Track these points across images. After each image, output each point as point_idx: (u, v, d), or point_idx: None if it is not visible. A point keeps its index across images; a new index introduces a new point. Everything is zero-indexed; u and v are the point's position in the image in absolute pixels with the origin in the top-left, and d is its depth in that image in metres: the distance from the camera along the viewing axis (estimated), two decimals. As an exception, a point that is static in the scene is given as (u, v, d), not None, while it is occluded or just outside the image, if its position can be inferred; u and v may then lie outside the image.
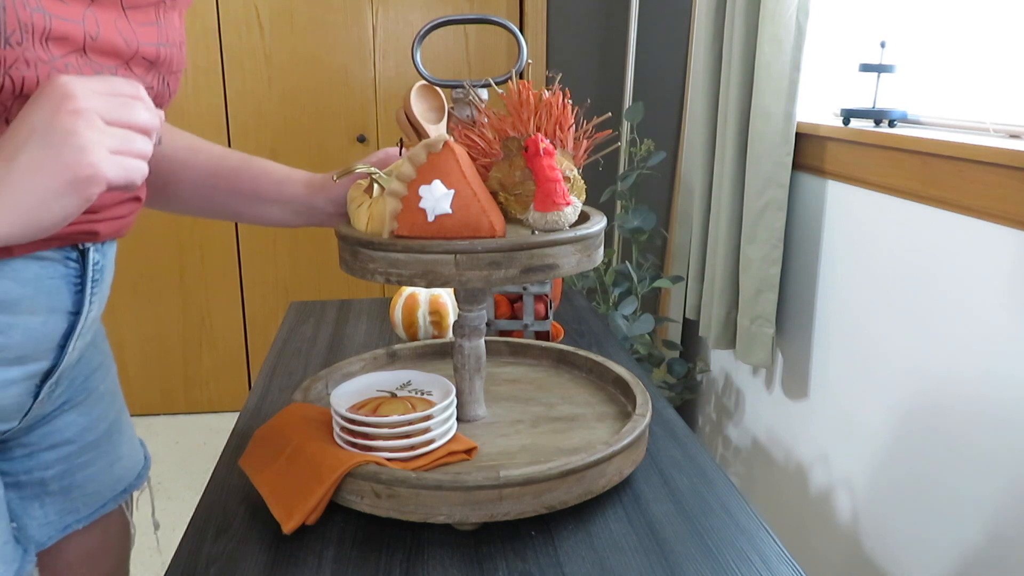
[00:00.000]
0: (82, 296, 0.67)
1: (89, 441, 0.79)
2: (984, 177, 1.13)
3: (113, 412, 0.83)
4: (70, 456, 0.77)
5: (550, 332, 1.18)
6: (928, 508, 1.29)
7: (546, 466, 0.69)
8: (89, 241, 0.66)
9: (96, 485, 0.81)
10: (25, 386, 0.66)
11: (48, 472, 0.76)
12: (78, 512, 0.79)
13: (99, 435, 0.80)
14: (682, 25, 2.42)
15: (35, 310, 0.63)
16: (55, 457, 0.76)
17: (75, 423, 0.78)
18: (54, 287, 0.64)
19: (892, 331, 1.36)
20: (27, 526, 0.76)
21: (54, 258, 0.63)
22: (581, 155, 0.76)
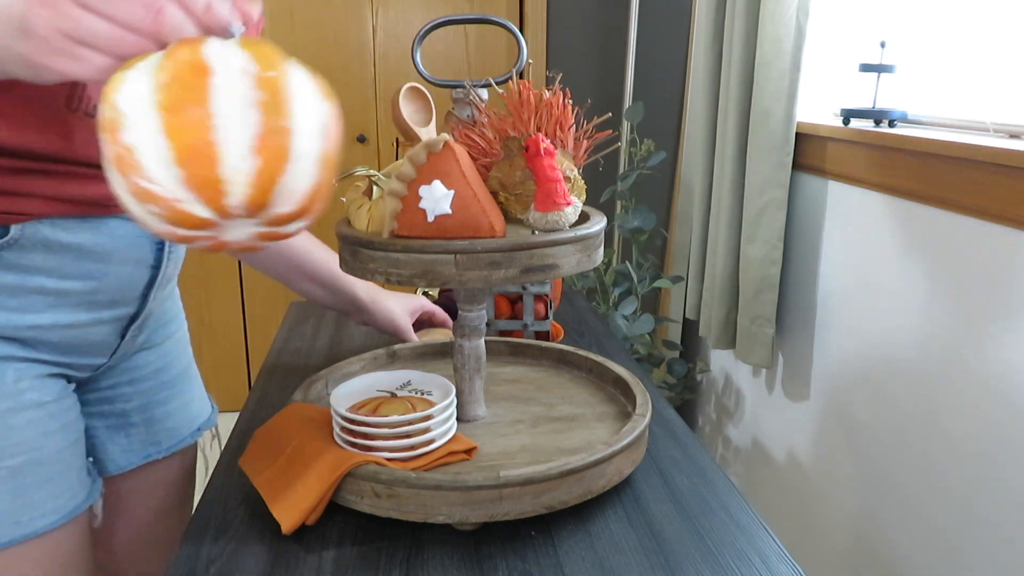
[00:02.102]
0: (162, 253, 0.78)
1: (164, 380, 0.91)
2: (984, 177, 1.13)
3: (186, 359, 0.96)
4: (148, 391, 0.89)
5: (550, 332, 1.18)
6: (928, 508, 1.29)
7: (546, 466, 0.69)
8: None
9: (174, 421, 0.93)
10: (114, 327, 0.78)
11: (129, 404, 0.88)
12: (159, 444, 0.91)
13: (173, 376, 0.92)
14: (682, 25, 2.42)
15: (125, 261, 0.74)
16: (134, 391, 0.88)
17: (152, 362, 0.89)
18: (141, 243, 0.75)
19: (892, 331, 1.36)
20: (111, 451, 0.87)
21: None
22: (581, 155, 0.76)
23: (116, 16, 0.44)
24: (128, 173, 0.44)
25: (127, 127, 0.43)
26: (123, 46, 0.44)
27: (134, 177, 0.44)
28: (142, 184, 0.44)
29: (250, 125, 0.42)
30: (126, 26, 0.44)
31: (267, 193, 0.44)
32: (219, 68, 0.43)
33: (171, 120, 0.42)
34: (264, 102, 0.42)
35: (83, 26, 0.44)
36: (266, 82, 0.43)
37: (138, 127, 0.43)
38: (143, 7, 0.44)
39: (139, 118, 0.43)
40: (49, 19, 0.44)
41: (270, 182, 0.44)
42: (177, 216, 0.44)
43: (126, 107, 0.43)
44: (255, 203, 0.44)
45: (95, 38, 0.44)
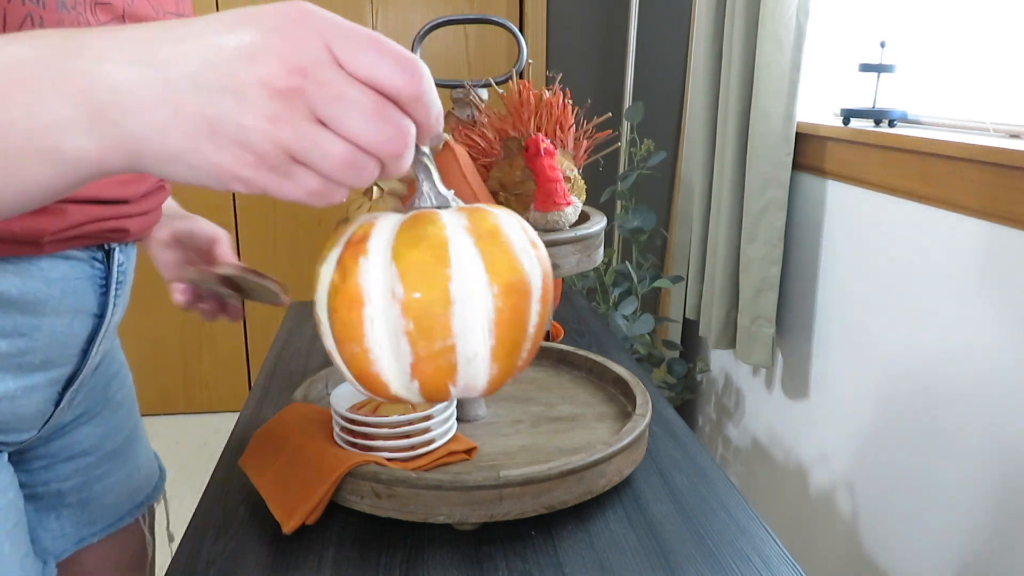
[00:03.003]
0: (106, 298, 0.65)
1: (107, 452, 0.77)
2: (984, 177, 1.13)
3: (131, 422, 0.81)
4: (88, 467, 0.75)
5: (550, 332, 1.18)
6: (928, 507, 1.29)
7: (546, 466, 0.69)
8: (118, 240, 0.64)
9: (114, 497, 0.79)
10: (48, 392, 0.64)
11: (66, 484, 0.74)
12: (95, 524, 0.77)
13: (117, 445, 0.79)
14: (682, 25, 2.42)
15: (61, 311, 0.61)
16: (73, 468, 0.74)
17: (93, 434, 0.75)
18: (80, 288, 0.62)
19: (892, 331, 1.36)
20: (41, 538, 0.73)
21: (81, 258, 0.61)
22: (581, 155, 0.76)
23: (362, 139, 0.35)
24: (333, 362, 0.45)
25: (323, 334, 0.44)
26: (348, 172, 0.36)
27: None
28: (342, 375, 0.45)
29: (403, 356, 0.41)
30: (368, 149, 0.36)
31: (443, 398, 0.43)
32: (372, 296, 0.40)
33: (342, 350, 0.42)
34: (410, 331, 0.40)
35: (317, 147, 0.35)
36: (411, 307, 0.40)
37: (327, 341, 0.43)
38: (394, 127, 0.36)
39: (327, 337, 0.43)
40: (279, 136, 0.35)
41: (441, 393, 0.43)
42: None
43: (319, 314, 0.43)
44: (435, 401, 0.44)
45: (323, 160, 0.35)
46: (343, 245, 0.42)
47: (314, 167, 0.36)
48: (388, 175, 0.38)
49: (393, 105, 0.36)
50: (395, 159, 0.37)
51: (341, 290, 0.41)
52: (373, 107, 0.35)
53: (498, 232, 0.41)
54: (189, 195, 2.55)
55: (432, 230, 0.41)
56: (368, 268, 0.40)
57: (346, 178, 0.36)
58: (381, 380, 0.42)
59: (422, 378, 0.41)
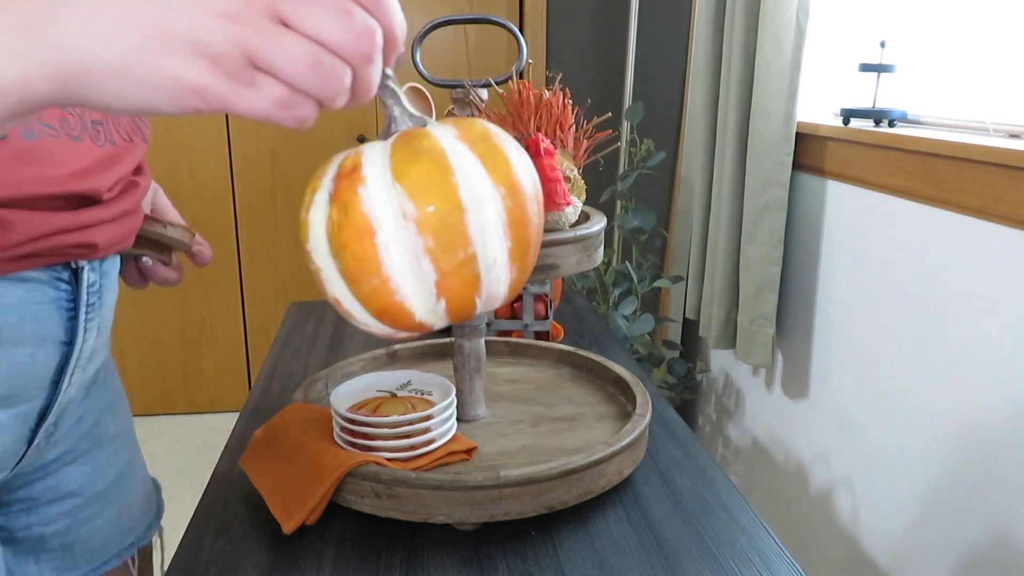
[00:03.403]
0: (75, 324, 0.57)
1: (97, 491, 0.70)
2: (984, 177, 1.13)
3: (125, 456, 0.74)
4: (74, 510, 0.68)
5: (550, 332, 1.18)
6: (928, 507, 1.29)
7: (546, 466, 0.69)
8: (84, 257, 0.57)
9: (101, 538, 0.71)
10: (17, 430, 0.57)
11: (49, 528, 0.66)
12: (77, 569, 0.70)
13: (108, 484, 0.71)
14: (682, 25, 2.42)
15: (20, 341, 0.54)
16: (57, 512, 0.67)
17: (80, 473, 0.68)
18: (42, 313, 0.55)
19: (892, 331, 1.36)
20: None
21: (41, 279, 0.54)
22: (581, 155, 0.76)
23: (327, 37, 0.33)
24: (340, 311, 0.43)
25: (327, 282, 0.41)
26: (315, 77, 0.33)
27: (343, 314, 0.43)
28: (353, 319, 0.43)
29: (427, 276, 0.39)
30: (335, 49, 0.33)
31: (469, 314, 0.42)
32: (382, 221, 0.38)
33: (358, 288, 0.40)
34: (431, 248, 0.38)
35: (278, 46, 0.32)
36: (426, 223, 0.38)
37: (334, 287, 0.41)
38: (360, 24, 0.33)
39: (332, 283, 0.41)
40: (238, 37, 0.31)
41: (467, 307, 0.42)
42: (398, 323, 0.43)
43: (319, 262, 0.41)
44: (461, 319, 0.43)
45: (286, 61, 0.32)
46: (332, 181, 0.40)
47: (277, 72, 0.33)
48: (359, 90, 0.35)
49: (356, 3, 0.34)
50: (364, 61, 0.34)
51: (346, 224, 0.39)
52: (337, 2, 0.33)
53: (489, 135, 0.41)
54: (186, 194, 2.55)
55: (427, 143, 0.39)
56: (371, 194, 0.39)
57: (313, 84, 0.33)
58: (405, 308, 0.40)
59: (449, 295, 0.40)
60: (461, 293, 0.40)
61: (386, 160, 0.39)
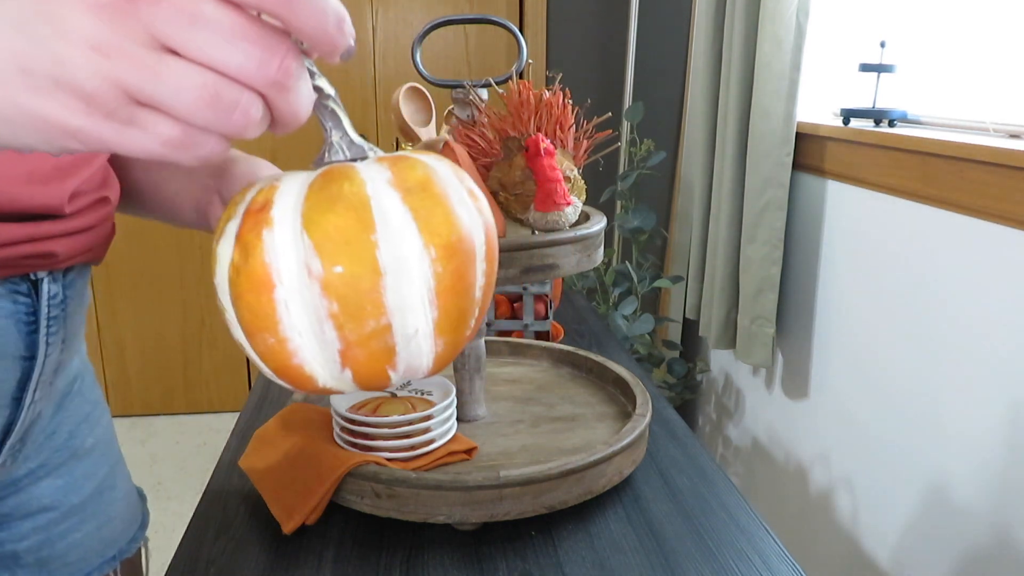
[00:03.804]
0: (36, 338, 0.54)
1: (73, 504, 0.66)
2: (984, 177, 1.13)
3: (104, 467, 0.70)
4: (49, 524, 0.64)
5: (550, 332, 1.18)
6: (928, 507, 1.29)
7: (546, 466, 0.69)
8: (43, 268, 0.53)
9: (81, 552, 0.67)
10: None
11: (22, 544, 0.63)
12: None
13: (85, 496, 0.67)
14: (682, 25, 2.42)
15: None
16: (31, 527, 0.63)
17: (54, 487, 0.64)
18: (2, 328, 0.52)
19: (892, 331, 1.36)
20: None
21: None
22: (581, 155, 0.76)
23: (224, 65, 0.27)
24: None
25: (230, 324, 0.36)
26: (213, 111, 0.28)
27: None
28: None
29: (330, 343, 0.34)
30: (236, 78, 0.28)
31: (382, 385, 0.37)
32: (283, 275, 0.33)
33: (254, 342, 0.35)
34: (335, 314, 0.33)
35: (163, 80, 0.27)
36: (332, 285, 0.33)
37: (237, 332, 0.36)
38: (263, 45, 0.28)
39: (234, 327, 0.36)
40: (112, 72, 0.26)
41: (379, 380, 0.36)
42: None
43: (223, 302, 0.36)
44: (373, 389, 0.37)
45: (175, 96, 0.27)
46: (241, 216, 0.34)
47: (167, 109, 0.27)
48: (281, 118, 0.30)
49: (258, 19, 0.28)
50: (275, 88, 0.28)
51: (244, 271, 0.33)
52: (233, 21, 0.27)
53: (430, 183, 0.34)
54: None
55: (349, 188, 0.33)
56: (276, 241, 0.33)
57: (212, 120, 0.28)
58: (305, 373, 0.35)
59: (355, 366, 0.35)
60: (369, 365, 0.35)
61: (300, 202, 0.33)
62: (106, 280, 2.61)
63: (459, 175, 0.37)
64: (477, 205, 0.36)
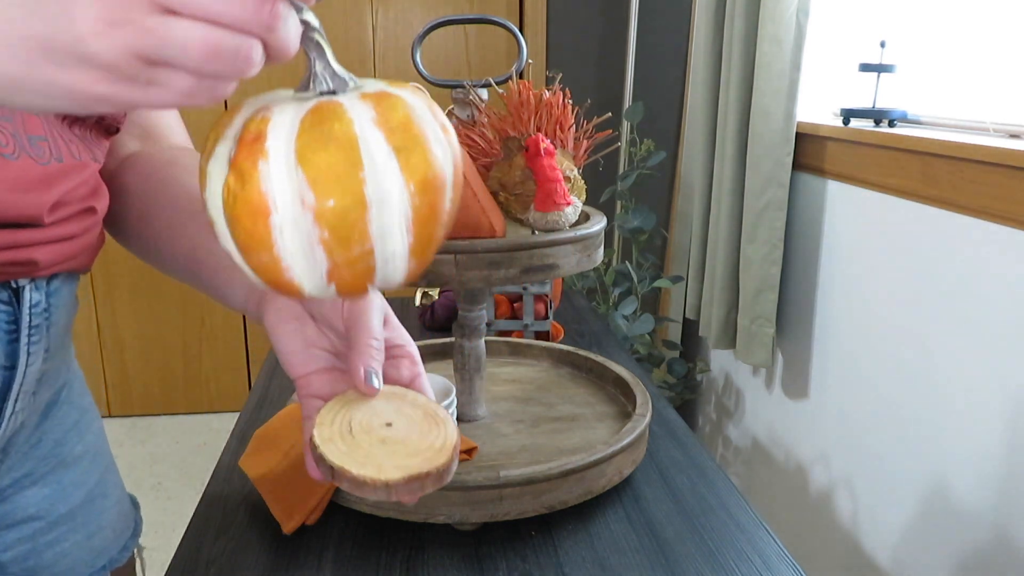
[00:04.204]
0: (17, 346, 0.53)
1: (61, 514, 0.64)
2: (984, 177, 1.13)
3: (94, 474, 0.68)
4: (35, 534, 0.63)
5: (550, 332, 1.18)
6: (928, 507, 1.29)
7: (546, 466, 0.69)
8: (24, 276, 0.53)
9: (69, 562, 0.66)
10: None
11: (7, 554, 0.61)
12: None
13: (74, 505, 0.66)
14: (682, 25, 2.42)
15: None
16: (16, 537, 0.61)
17: (40, 496, 0.63)
18: None
19: (892, 331, 1.36)
20: None
21: None
22: (581, 155, 0.76)
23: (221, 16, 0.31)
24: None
25: (219, 236, 0.40)
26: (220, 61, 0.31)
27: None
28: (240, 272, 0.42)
29: (319, 263, 0.39)
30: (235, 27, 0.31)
31: (361, 296, 0.42)
32: (279, 204, 0.37)
33: (249, 259, 0.39)
34: (326, 240, 0.38)
35: (169, 41, 0.30)
36: (324, 215, 0.37)
37: (226, 243, 0.40)
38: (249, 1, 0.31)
39: (224, 238, 0.40)
40: (124, 42, 0.30)
41: (358, 293, 0.41)
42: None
43: (213, 215, 0.40)
44: (353, 298, 0.42)
45: (183, 53, 0.31)
46: (234, 141, 0.38)
47: (177, 64, 0.31)
48: (275, 53, 0.33)
49: None
50: (272, 32, 0.32)
51: (241, 198, 0.37)
52: None
53: (410, 123, 0.38)
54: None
55: (339, 128, 0.37)
56: (270, 173, 0.37)
57: (222, 68, 0.31)
58: (295, 285, 0.40)
59: (339, 282, 0.40)
60: (353, 282, 0.40)
61: (292, 137, 0.37)
62: (106, 280, 2.61)
63: (433, 110, 0.41)
64: (448, 139, 0.41)
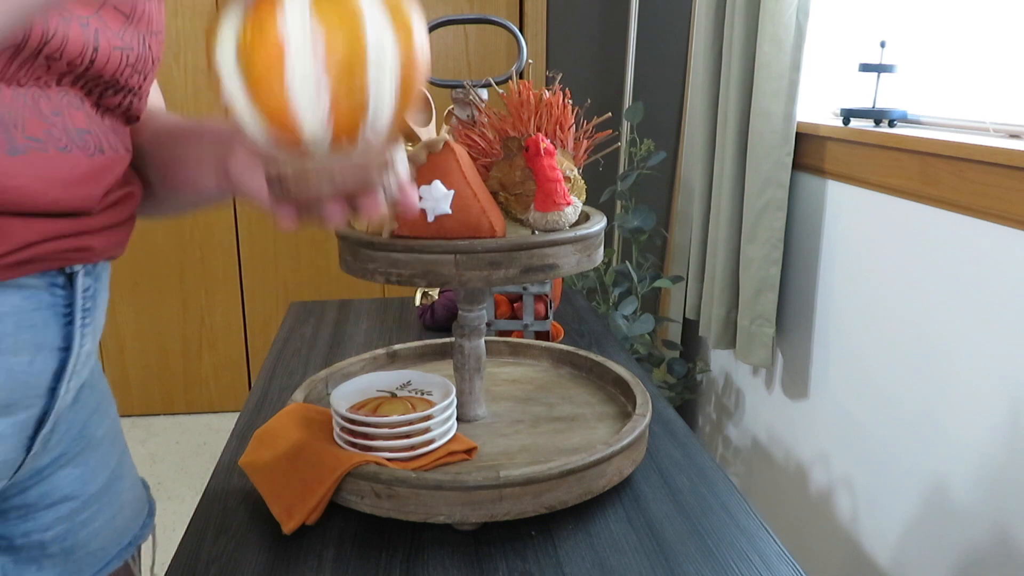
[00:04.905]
0: (72, 328, 0.58)
1: (91, 494, 0.70)
2: (984, 177, 1.13)
3: (114, 457, 0.73)
4: (72, 514, 0.68)
5: (550, 332, 1.18)
6: (928, 507, 1.29)
7: (546, 466, 0.69)
8: (80, 262, 0.58)
9: (100, 541, 0.71)
10: (16, 439, 0.57)
11: (48, 534, 0.66)
12: (80, 574, 0.70)
13: (100, 486, 0.71)
14: (682, 25, 2.42)
15: (18, 349, 0.54)
16: (55, 516, 0.67)
17: (74, 476, 0.68)
18: (39, 320, 0.55)
19: (892, 331, 1.36)
20: None
21: (36, 286, 0.55)
22: (581, 155, 0.76)
23: None
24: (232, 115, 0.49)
25: (227, 91, 0.46)
26: None
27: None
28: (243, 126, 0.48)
29: (322, 107, 0.45)
30: None
31: (352, 136, 0.48)
32: (293, 49, 0.44)
33: (258, 101, 0.45)
34: (332, 86, 0.45)
35: None
36: (332, 64, 0.44)
37: (235, 99, 0.46)
38: None
39: (232, 91, 0.46)
40: None
41: (349, 137, 0.48)
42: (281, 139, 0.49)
43: (223, 70, 0.46)
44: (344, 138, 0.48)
45: None
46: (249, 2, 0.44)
47: None
48: None
49: None
50: None
51: (259, 43, 0.44)
52: None
53: (403, 9, 0.47)
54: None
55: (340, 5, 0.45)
56: (287, 22, 0.43)
57: None
58: (296, 127, 0.46)
59: (336, 126, 0.46)
60: (347, 128, 0.47)
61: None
62: (106, 280, 2.61)
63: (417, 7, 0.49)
64: (423, 32, 0.49)
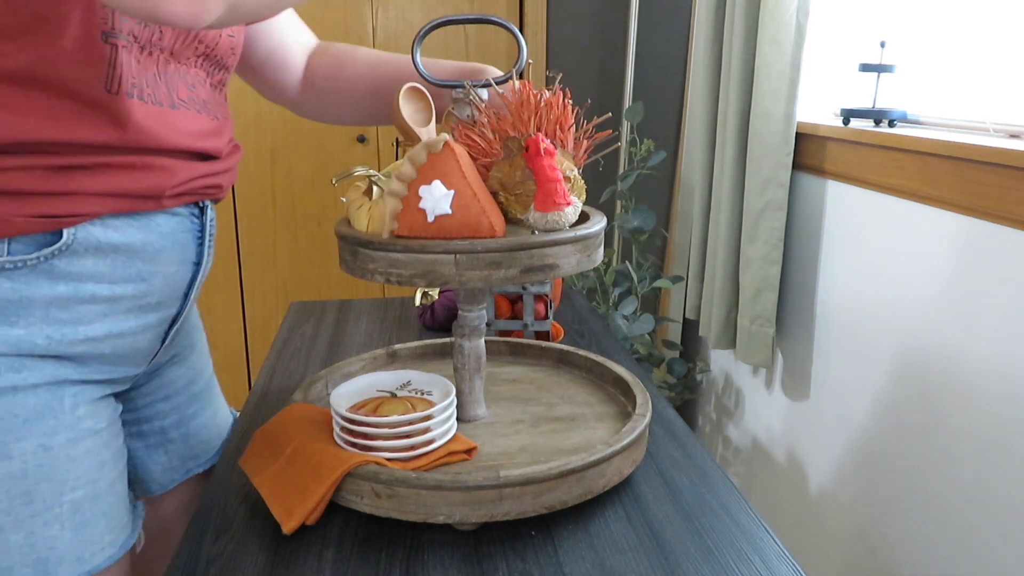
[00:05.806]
0: (203, 248, 0.77)
1: (195, 392, 0.90)
2: (984, 177, 1.13)
3: (209, 368, 0.95)
4: (181, 406, 0.88)
5: (550, 332, 1.18)
6: (928, 508, 1.29)
7: (546, 466, 0.69)
8: (211, 197, 0.76)
9: (207, 433, 0.91)
10: (157, 331, 0.76)
11: (166, 420, 0.86)
12: (199, 458, 0.91)
13: (202, 387, 0.92)
14: (682, 25, 2.42)
15: (171, 260, 0.73)
16: (169, 407, 0.86)
17: (182, 375, 0.88)
18: (184, 240, 0.74)
19: (892, 331, 1.36)
20: (153, 470, 0.86)
21: (184, 214, 0.74)
22: (581, 155, 0.76)
23: None
24: None
25: None
26: None
27: None
28: None
29: None
30: None
31: None
32: None
33: None
34: None
35: None
36: None
37: None
38: None
39: None
40: None
41: None
42: None
43: None
44: None
45: None
46: None
47: None
48: None
49: None
50: None
51: None
52: None
53: None
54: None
55: None
56: None
57: None
58: None
59: None
60: None
61: None
62: (106, 280, 2.61)
63: None
64: None
